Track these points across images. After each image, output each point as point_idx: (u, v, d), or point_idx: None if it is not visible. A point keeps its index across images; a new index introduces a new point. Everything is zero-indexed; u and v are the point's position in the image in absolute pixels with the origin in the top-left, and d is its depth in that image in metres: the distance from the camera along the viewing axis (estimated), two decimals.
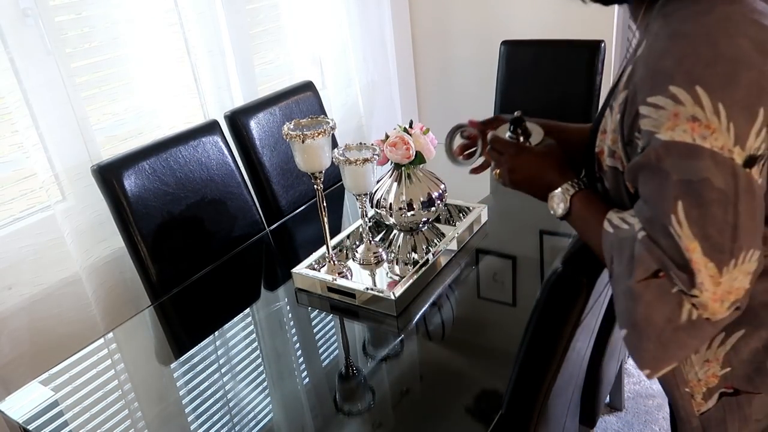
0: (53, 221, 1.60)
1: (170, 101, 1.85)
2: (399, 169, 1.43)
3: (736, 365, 0.77)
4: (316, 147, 1.26)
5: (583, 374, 1.21)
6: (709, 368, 0.78)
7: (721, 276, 0.59)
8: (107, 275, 1.73)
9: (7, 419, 1.12)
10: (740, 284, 0.61)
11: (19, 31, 1.49)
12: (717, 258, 0.59)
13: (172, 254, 1.54)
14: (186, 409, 1.10)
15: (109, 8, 1.67)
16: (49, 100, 1.55)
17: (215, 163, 1.67)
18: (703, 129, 0.56)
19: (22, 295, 1.58)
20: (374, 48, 2.64)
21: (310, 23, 2.35)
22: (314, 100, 2.04)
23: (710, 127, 0.56)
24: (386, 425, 1.02)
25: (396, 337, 1.22)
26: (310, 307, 1.36)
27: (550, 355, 0.88)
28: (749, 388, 0.77)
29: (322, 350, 1.21)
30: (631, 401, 1.87)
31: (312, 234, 1.66)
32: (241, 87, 2.08)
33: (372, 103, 2.69)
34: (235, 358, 1.22)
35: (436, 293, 1.33)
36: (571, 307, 0.83)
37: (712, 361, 0.77)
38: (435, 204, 1.42)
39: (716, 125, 0.56)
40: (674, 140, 0.58)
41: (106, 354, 1.28)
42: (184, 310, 1.43)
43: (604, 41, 1.99)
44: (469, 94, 2.86)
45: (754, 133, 0.56)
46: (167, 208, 1.54)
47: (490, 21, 2.67)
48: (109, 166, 1.46)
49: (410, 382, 1.11)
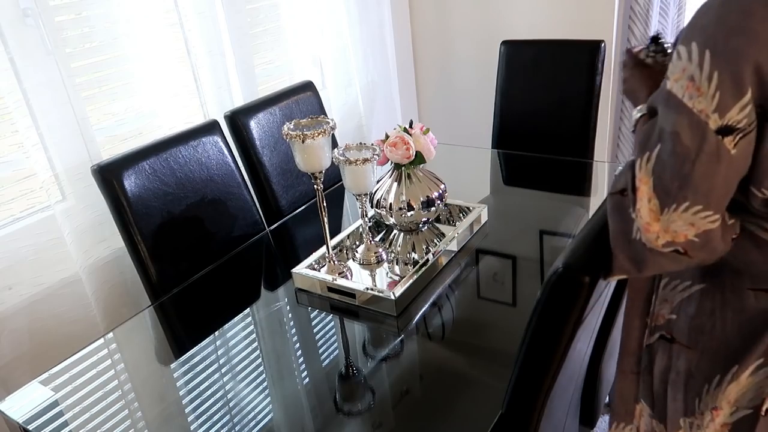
0: (53, 221, 1.60)
1: (170, 101, 1.85)
2: (399, 169, 1.43)
3: (681, 316, 0.82)
4: (316, 147, 1.26)
5: (583, 374, 1.21)
6: (663, 308, 0.85)
7: (661, 214, 0.67)
8: (107, 275, 1.73)
9: (7, 419, 1.12)
10: (679, 229, 0.68)
11: (19, 31, 1.49)
12: (662, 197, 0.67)
13: (172, 254, 1.54)
14: (186, 409, 1.10)
15: (109, 8, 1.67)
16: (49, 100, 1.55)
17: (215, 163, 1.67)
18: (694, 90, 0.63)
19: (22, 295, 1.58)
20: (374, 48, 2.64)
21: (310, 23, 2.35)
22: (314, 100, 2.04)
23: (699, 90, 0.62)
24: (386, 425, 1.02)
25: (396, 337, 1.22)
26: (310, 307, 1.36)
27: (550, 355, 0.88)
28: (685, 341, 0.82)
29: (322, 350, 1.21)
30: None
31: (312, 234, 1.66)
32: (241, 87, 2.08)
33: (372, 103, 2.69)
34: (235, 358, 1.22)
35: (436, 293, 1.33)
36: (572, 307, 0.83)
37: (668, 302, 0.84)
38: (435, 204, 1.42)
39: (705, 90, 0.62)
40: (672, 91, 0.66)
41: (106, 354, 1.28)
42: (184, 310, 1.43)
43: (604, 41, 1.99)
44: (469, 94, 2.86)
45: (738, 107, 0.61)
46: (167, 208, 1.54)
47: (490, 21, 2.67)
48: (109, 166, 1.46)
49: (410, 382, 1.11)
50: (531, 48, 2.15)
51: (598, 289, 0.85)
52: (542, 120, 2.09)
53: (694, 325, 0.82)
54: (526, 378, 0.92)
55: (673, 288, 0.85)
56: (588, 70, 2.00)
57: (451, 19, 2.78)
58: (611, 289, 1.07)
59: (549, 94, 2.09)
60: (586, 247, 0.85)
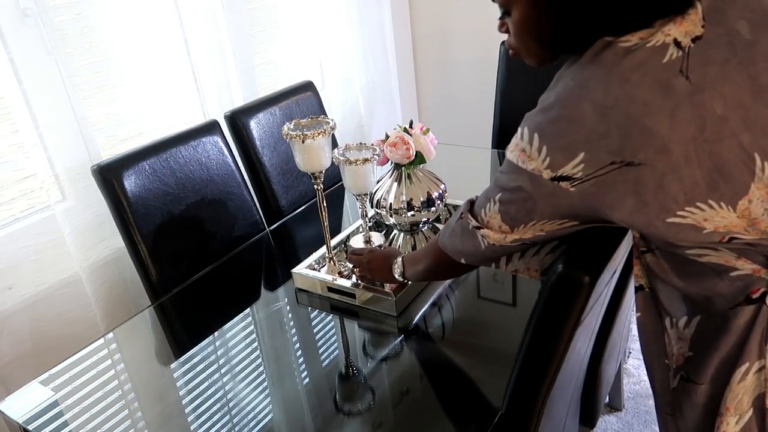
0: (53, 221, 1.60)
1: (170, 101, 1.85)
2: (399, 169, 1.43)
3: (695, 352, 0.84)
4: (316, 147, 1.26)
5: (583, 374, 1.21)
6: (681, 346, 0.86)
7: (512, 232, 0.85)
8: (107, 275, 1.73)
9: (7, 419, 1.12)
10: (527, 235, 0.85)
11: (19, 31, 1.49)
12: (510, 224, 0.85)
13: (172, 254, 1.54)
14: (186, 409, 1.10)
15: (109, 8, 1.67)
16: (49, 100, 1.55)
17: (215, 163, 1.67)
18: (525, 157, 0.77)
19: (23, 296, 1.58)
20: (374, 48, 2.64)
21: (310, 23, 2.35)
22: (314, 100, 2.04)
23: (531, 158, 0.76)
24: (386, 425, 1.02)
25: (396, 337, 1.22)
26: (310, 307, 1.36)
27: (550, 355, 0.88)
28: (695, 378, 0.84)
29: (322, 350, 1.21)
30: (631, 401, 1.87)
31: (312, 234, 1.66)
32: (241, 87, 2.08)
33: (372, 103, 2.69)
34: (235, 358, 1.22)
35: (436, 293, 1.33)
36: (571, 307, 0.83)
37: (684, 341, 0.85)
38: (435, 204, 1.42)
39: (535, 157, 0.76)
40: (509, 160, 0.80)
41: (106, 354, 1.28)
42: (184, 310, 1.43)
43: None
44: (469, 94, 2.86)
45: (571, 165, 0.73)
46: (167, 208, 1.54)
47: (490, 21, 2.66)
48: (109, 166, 1.46)
49: (410, 382, 1.11)
50: None
51: (597, 289, 0.86)
52: None
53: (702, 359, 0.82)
54: (526, 378, 0.92)
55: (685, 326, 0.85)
56: None
57: (451, 19, 2.78)
58: (611, 290, 1.07)
59: None
60: (586, 248, 0.85)
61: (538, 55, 0.83)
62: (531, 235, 0.84)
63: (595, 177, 0.72)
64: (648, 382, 0.95)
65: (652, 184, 0.70)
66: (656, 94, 0.69)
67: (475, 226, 0.90)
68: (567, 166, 0.74)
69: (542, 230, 0.83)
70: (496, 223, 0.87)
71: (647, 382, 1.90)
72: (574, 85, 0.74)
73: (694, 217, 0.71)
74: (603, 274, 0.85)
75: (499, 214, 0.86)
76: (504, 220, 0.85)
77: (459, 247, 0.96)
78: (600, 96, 0.71)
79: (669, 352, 0.88)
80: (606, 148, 0.70)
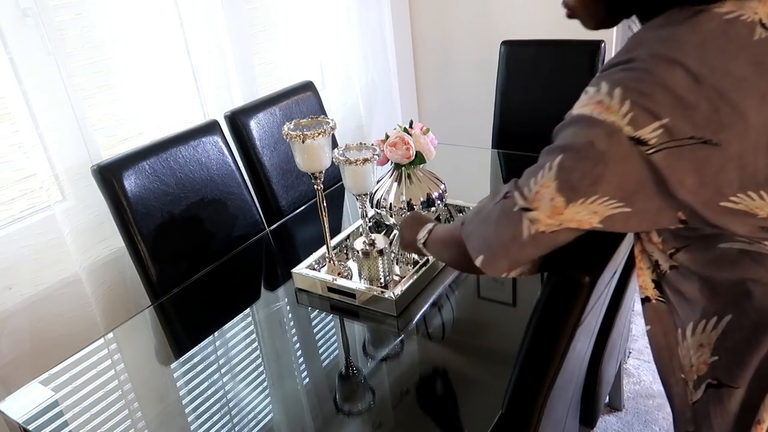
0: (53, 221, 1.60)
1: (170, 101, 1.85)
2: (399, 169, 1.43)
3: (722, 354, 0.78)
4: (316, 147, 1.26)
5: (583, 374, 1.21)
6: (701, 354, 0.80)
7: (566, 207, 0.72)
8: (107, 275, 1.73)
9: (7, 419, 1.12)
10: (582, 218, 0.72)
11: (19, 31, 1.49)
12: (568, 195, 0.71)
13: (172, 254, 1.54)
14: (186, 409, 1.10)
15: (109, 8, 1.67)
16: (49, 100, 1.55)
17: (215, 163, 1.67)
18: (603, 109, 0.67)
19: (22, 295, 1.58)
20: (374, 48, 2.64)
21: (310, 23, 2.35)
22: (314, 100, 2.04)
23: (610, 109, 0.67)
24: (386, 425, 1.02)
25: (396, 337, 1.22)
26: (310, 307, 1.36)
27: (550, 355, 0.88)
28: (729, 382, 0.78)
29: (322, 350, 1.21)
30: (631, 401, 1.87)
31: (312, 234, 1.66)
32: (241, 87, 2.08)
33: (372, 103, 2.69)
34: (235, 358, 1.22)
35: (436, 293, 1.33)
36: (572, 307, 0.83)
37: (705, 347, 0.80)
38: (435, 204, 1.42)
39: (615, 109, 0.66)
40: (581, 113, 0.70)
41: (106, 354, 1.28)
42: (184, 310, 1.43)
43: (604, 41, 1.99)
44: (469, 94, 2.86)
45: (651, 128, 0.65)
46: (167, 208, 1.54)
47: (490, 21, 2.67)
48: (109, 166, 1.46)
49: (410, 382, 1.11)
50: (531, 48, 2.15)
51: (598, 289, 0.86)
52: (542, 120, 2.08)
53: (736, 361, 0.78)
54: (526, 378, 0.92)
55: (703, 330, 0.80)
56: (588, 70, 2.00)
57: (451, 20, 2.78)
58: (611, 290, 1.07)
59: (549, 94, 2.09)
60: (586, 248, 0.85)
61: (597, 18, 0.77)
62: (586, 215, 0.72)
63: (667, 148, 0.66)
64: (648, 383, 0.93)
65: (716, 167, 0.66)
66: (752, 71, 0.64)
67: (523, 207, 0.77)
68: (647, 127, 0.66)
69: (596, 212, 0.72)
70: (548, 194, 0.73)
71: (647, 382, 1.91)
72: (665, 48, 0.67)
73: (746, 203, 0.67)
74: (603, 274, 0.85)
75: (556, 182, 0.72)
76: (560, 189, 0.72)
77: (489, 236, 0.82)
78: (694, 64, 0.65)
79: (686, 364, 0.83)
80: (690, 119, 0.65)
